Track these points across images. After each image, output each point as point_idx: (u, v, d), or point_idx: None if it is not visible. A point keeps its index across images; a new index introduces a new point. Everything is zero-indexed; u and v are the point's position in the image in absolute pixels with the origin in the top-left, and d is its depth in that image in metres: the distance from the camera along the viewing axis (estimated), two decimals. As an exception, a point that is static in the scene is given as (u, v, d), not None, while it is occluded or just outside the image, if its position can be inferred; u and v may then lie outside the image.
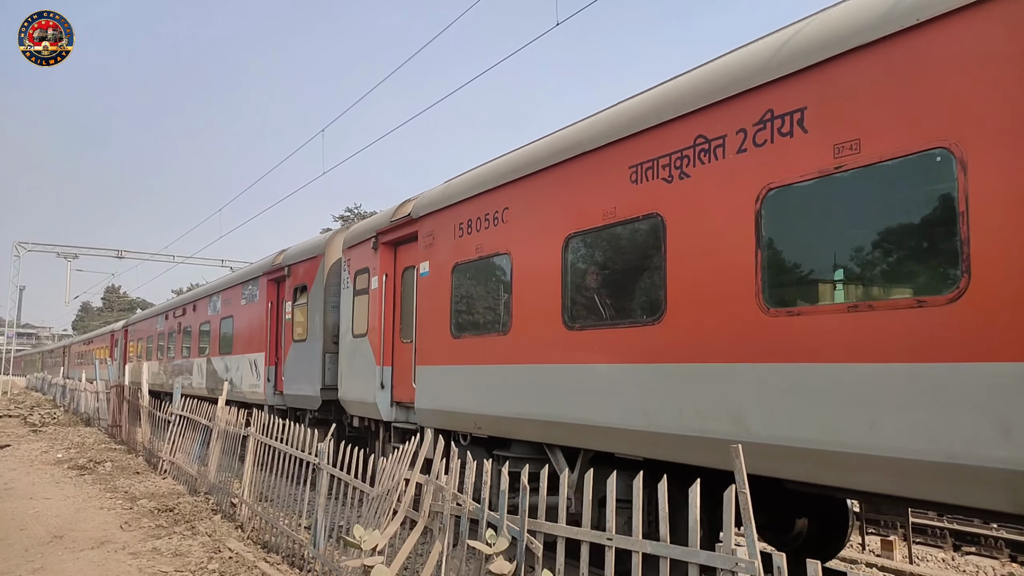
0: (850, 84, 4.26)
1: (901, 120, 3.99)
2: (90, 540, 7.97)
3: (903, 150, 4.00)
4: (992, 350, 3.56)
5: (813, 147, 4.41)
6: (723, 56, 5.28)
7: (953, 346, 3.67)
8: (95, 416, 21.46)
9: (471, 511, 5.13)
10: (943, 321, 3.73)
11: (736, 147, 4.85)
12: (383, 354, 9.20)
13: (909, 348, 3.85)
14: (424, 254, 8.40)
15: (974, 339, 3.62)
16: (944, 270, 3.84)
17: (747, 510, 3.34)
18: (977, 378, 3.61)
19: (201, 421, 11.14)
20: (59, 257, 43.33)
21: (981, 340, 3.61)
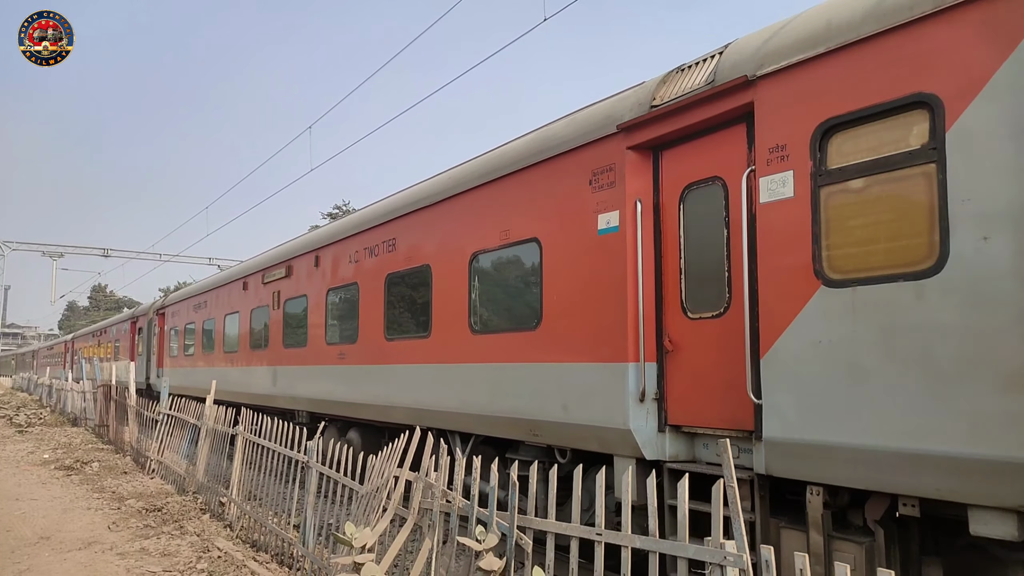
0: (502, 196, 7.37)
1: (522, 221, 6.99)
2: (77, 541, 7.97)
3: (522, 237, 6.99)
4: (554, 356, 6.47)
5: (495, 228, 7.35)
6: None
7: (543, 353, 6.67)
8: (82, 416, 21.30)
9: (461, 508, 5.20)
10: (537, 339, 6.76)
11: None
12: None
13: (520, 353, 6.87)
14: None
15: (551, 350, 6.50)
16: (536, 313, 6.76)
17: (735, 504, 3.39)
18: (552, 371, 6.46)
19: (189, 420, 11.07)
20: (44, 256, 43.24)
21: (550, 351, 6.51)
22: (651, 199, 5.86)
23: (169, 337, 21.39)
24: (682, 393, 5.56)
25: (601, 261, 6.04)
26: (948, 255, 3.87)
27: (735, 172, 5.16)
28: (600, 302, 6.00)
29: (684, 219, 5.63)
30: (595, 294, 6.07)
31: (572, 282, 6.37)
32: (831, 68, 4.49)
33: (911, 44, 4.10)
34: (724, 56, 5.32)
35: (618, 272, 5.85)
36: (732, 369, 5.10)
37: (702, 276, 5.47)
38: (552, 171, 6.73)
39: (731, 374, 5.11)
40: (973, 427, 3.72)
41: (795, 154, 4.65)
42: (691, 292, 5.56)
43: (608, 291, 5.92)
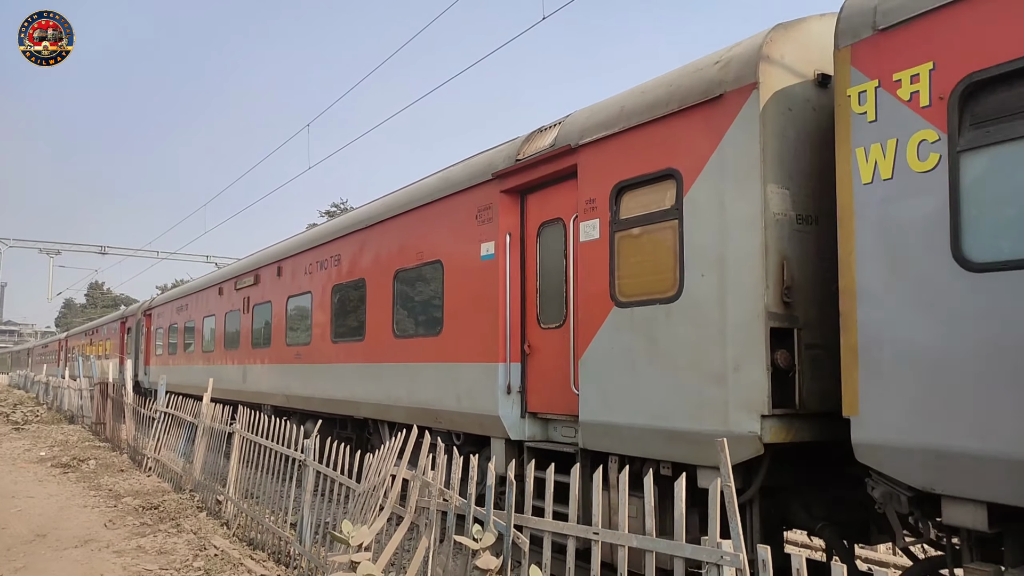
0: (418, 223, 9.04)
1: (431, 245, 8.63)
2: (74, 539, 8.04)
3: (431, 259, 8.60)
4: (452, 357, 8.03)
5: (413, 250, 8.97)
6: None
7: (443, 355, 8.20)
8: (79, 414, 21.68)
9: (457, 506, 5.26)
10: (439, 344, 8.32)
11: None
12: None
13: (428, 355, 8.52)
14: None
15: (448, 353, 8.09)
16: (439, 322, 8.34)
17: (732, 503, 3.41)
18: (449, 369, 8.05)
19: (186, 418, 11.29)
20: (41, 253, 42.68)
21: (450, 353, 8.07)
22: (518, 233, 7.39)
23: (155, 336, 22.91)
24: (537, 387, 7.10)
25: (483, 281, 7.57)
26: (683, 287, 5.41)
27: (569, 215, 6.68)
28: (482, 314, 7.53)
29: (540, 250, 7.16)
30: (479, 308, 7.59)
31: (464, 297, 7.90)
32: (622, 144, 6.02)
33: (666, 131, 5.64)
34: (562, 126, 6.85)
35: (494, 291, 7.38)
36: (566, 368, 6.64)
37: (550, 295, 7.00)
38: (451, 206, 8.25)
39: (566, 372, 6.64)
40: (697, 410, 5.26)
41: (601, 206, 6.18)
42: (543, 307, 7.09)
43: (487, 305, 7.45)
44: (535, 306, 7.19)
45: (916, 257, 4.05)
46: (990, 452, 3.68)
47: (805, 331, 4.96)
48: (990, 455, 3.68)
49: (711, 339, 5.18)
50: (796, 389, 4.87)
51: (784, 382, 4.89)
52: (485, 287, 7.54)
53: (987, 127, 3.81)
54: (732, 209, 5.11)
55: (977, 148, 3.84)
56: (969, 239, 3.84)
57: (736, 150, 5.11)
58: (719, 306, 5.14)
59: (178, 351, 19.98)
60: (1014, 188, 3.71)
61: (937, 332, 3.95)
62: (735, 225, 5.07)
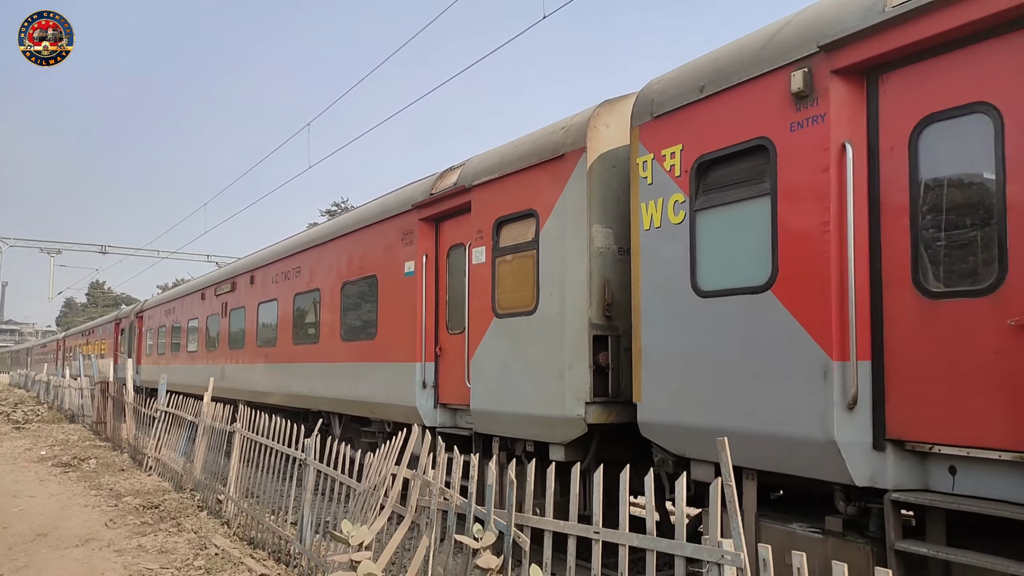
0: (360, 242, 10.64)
1: (370, 261, 10.23)
2: (74, 538, 8.12)
3: (369, 273, 10.13)
4: (383, 358, 9.51)
5: (356, 265, 10.55)
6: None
7: (377, 356, 9.69)
8: (79, 413, 21.87)
9: (458, 505, 5.30)
10: (374, 346, 9.82)
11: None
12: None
13: (367, 356, 10.05)
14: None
15: (381, 354, 9.60)
16: (374, 327, 9.87)
17: (732, 502, 3.45)
18: (382, 368, 9.51)
19: (187, 417, 11.41)
20: (42, 252, 42.41)
21: (382, 354, 9.57)
22: (433, 254, 8.91)
23: (147, 337, 24.46)
24: (446, 382, 8.64)
25: (406, 294, 9.10)
26: (539, 303, 6.94)
27: (467, 242, 8.20)
28: (405, 321, 9.05)
29: (449, 269, 8.69)
30: (403, 316, 9.12)
31: (392, 307, 9.43)
32: (501, 186, 7.55)
33: (529, 179, 7.16)
34: (463, 168, 8.37)
35: (414, 302, 8.90)
36: (464, 367, 8.17)
37: (455, 306, 8.53)
38: (384, 229, 9.78)
39: (464, 370, 8.17)
40: (548, 399, 6.78)
41: (486, 235, 7.71)
42: (451, 316, 8.63)
43: (409, 314, 8.98)
44: (445, 315, 8.72)
45: (671, 286, 5.57)
46: (713, 426, 5.20)
47: (622, 338, 6.49)
48: (714, 429, 5.21)
49: (555, 344, 6.71)
50: (611, 383, 6.41)
51: (605, 377, 6.42)
52: (408, 299, 9.07)
53: (708, 195, 5.34)
54: (569, 243, 6.63)
55: (704, 209, 5.36)
56: (699, 274, 5.36)
57: (572, 197, 6.63)
58: (560, 318, 6.67)
59: (167, 351, 21.53)
60: (720, 240, 5.24)
61: (682, 341, 5.47)
62: (571, 256, 6.60)
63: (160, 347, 22.39)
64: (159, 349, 22.52)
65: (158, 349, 22.66)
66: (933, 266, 4.18)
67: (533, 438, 7.02)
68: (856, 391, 4.33)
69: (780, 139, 4.80)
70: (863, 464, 4.33)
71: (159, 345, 22.60)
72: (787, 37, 4.84)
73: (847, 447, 4.33)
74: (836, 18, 4.55)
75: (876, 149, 4.45)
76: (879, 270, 4.40)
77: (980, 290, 3.94)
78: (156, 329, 23.01)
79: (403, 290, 9.21)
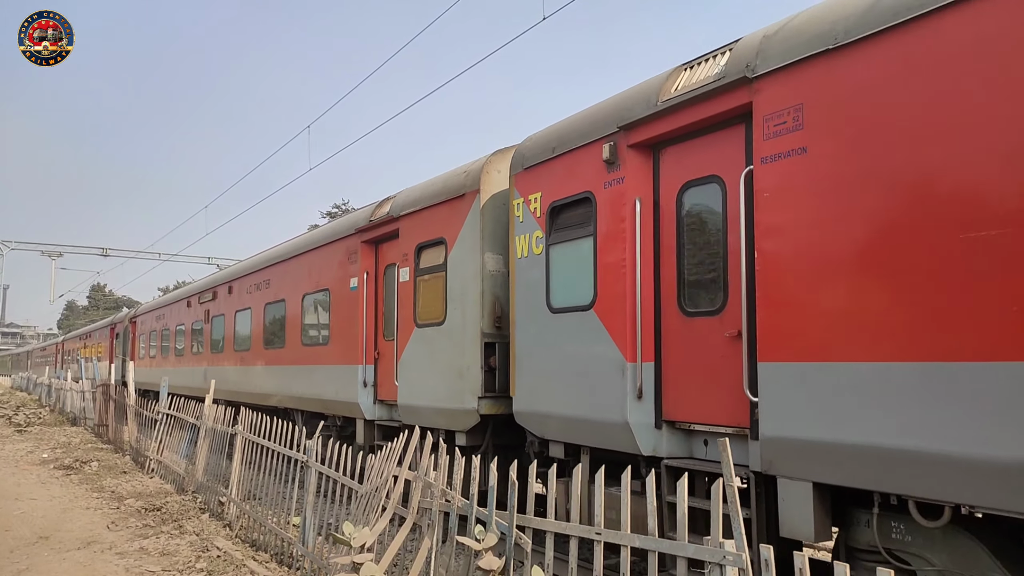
0: (317, 259, 12.12)
1: (325, 276, 11.75)
2: (76, 540, 8.16)
3: (324, 287, 11.67)
4: (334, 360, 11.06)
5: (314, 279, 12.06)
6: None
7: (329, 359, 11.19)
8: (81, 416, 22.05)
9: (460, 507, 5.32)
10: (328, 351, 11.36)
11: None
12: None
13: (322, 359, 11.61)
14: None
15: (332, 357, 11.14)
16: (327, 334, 11.44)
17: (734, 503, 3.48)
18: (332, 369, 11.07)
19: (188, 419, 11.53)
20: (43, 255, 43.14)
21: (333, 358, 11.09)
22: (373, 272, 10.43)
23: (139, 341, 25.97)
24: (383, 381, 10.15)
25: (351, 306, 10.61)
26: (447, 316, 8.45)
27: (397, 262, 9.71)
28: (351, 329, 10.56)
29: (385, 285, 10.20)
30: (349, 324, 10.63)
31: (341, 316, 10.94)
32: (420, 217, 9.07)
33: (440, 212, 8.68)
34: (394, 200, 9.89)
35: (357, 313, 10.42)
36: (394, 368, 9.68)
37: (389, 317, 10.06)
38: (336, 248, 11.30)
39: (394, 371, 9.68)
40: (452, 394, 8.28)
41: (410, 258, 9.22)
42: (386, 326, 10.16)
43: (353, 323, 10.49)
44: (382, 324, 10.24)
45: (534, 303, 7.08)
46: (559, 414, 6.71)
47: (508, 345, 8.00)
48: (558, 415, 6.71)
49: (458, 350, 8.22)
50: (499, 381, 7.92)
51: (495, 376, 7.94)
52: (353, 310, 10.58)
53: (557, 233, 6.85)
54: (468, 266, 8.15)
55: (555, 244, 6.88)
56: (552, 295, 6.87)
57: (470, 229, 8.15)
58: (462, 329, 8.18)
59: (157, 354, 23.05)
60: (564, 269, 6.75)
61: (541, 347, 6.98)
62: (469, 277, 8.12)
63: (152, 350, 23.91)
64: (151, 352, 24.04)
65: (150, 352, 24.18)
66: (689, 291, 5.70)
67: (443, 427, 8.53)
68: (641, 384, 5.84)
69: (598, 193, 6.32)
70: (647, 439, 5.83)
71: (151, 348, 24.12)
72: (602, 116, 6.36)
73: (636, 427, 5.83)
74: (629, 106, 6.07)
75: (658, 204, 5.96)
76: (659, 294, 5.91)
77: (714, 311, 5.46)
78: (148, 334, 24.55)
79: (349, 302, 10.73)
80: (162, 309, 22.91)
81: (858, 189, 4.31)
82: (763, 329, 4.81)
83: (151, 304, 25.91)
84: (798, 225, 4.63)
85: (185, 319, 19.79)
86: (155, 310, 24.01)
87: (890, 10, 4.23)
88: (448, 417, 8.37)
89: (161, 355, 22.43)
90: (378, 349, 10.30)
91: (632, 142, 6.01)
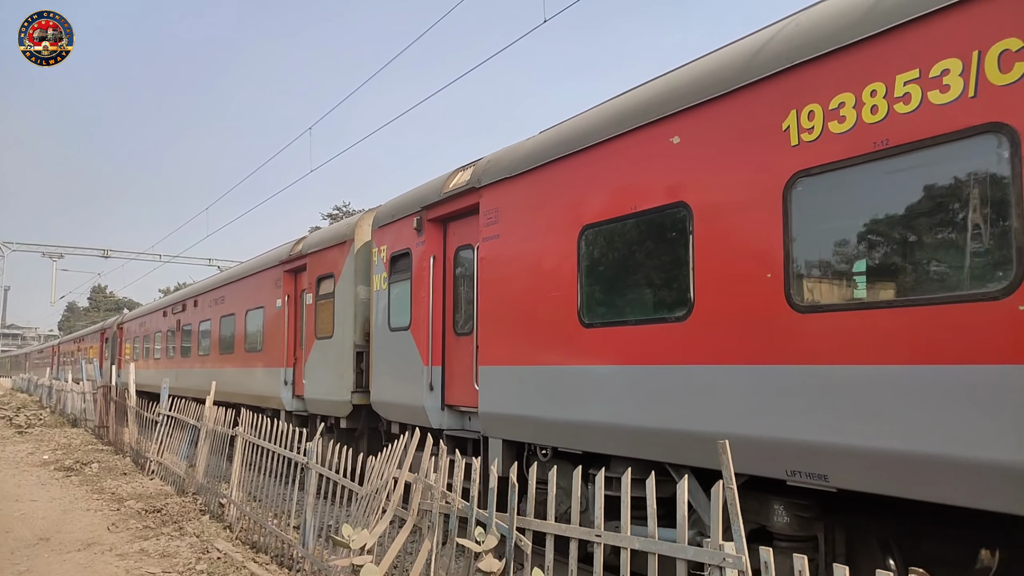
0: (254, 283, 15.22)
1: (260, 296, 12.05)
2: (77, 542, 8.20)
3: (260, 305, 13.03)
4: (267, 364, 14.25)
5: (253, 297, 14.78)
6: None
7: (263, 363, 13.45)
8: (82, 417, 22.36)
9: (460, 509, 5.35)
10: (262, 356, 14.19)
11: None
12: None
13: (259, 362, 14.13)
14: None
15: (265, 362, 14.19)
16: (262, 343, 14.09)
17: (734, 505, 3.49)
18: (266, 371, 14.19)
19: (189, 421, 11.78)
20: (44, 257, 43.51)
21: (266, 361, 14.26)
22: (292, 295, 13.35)
23: (125, 345, 28.87)
24: (298, 380, 13.06)
25: (278, 321, 13.52)
26: (335, 331, 11.36)
27: (302, 290, 12.66)
28: (278, 339, 13.45)
29: (300, 306, 13.13)
30: (277, 335, 13.53)
31: (271, 329, 13.83)
32: (319, 256, 11.98)
33: (330, 253, 11.60)
34: (304, 240, 12.83)
35: (281, 326, 13.32)
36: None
37: (301, 331, 12.99)
38: (268, 274, 14.20)
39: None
40: (336, 390, 11.16)
41: (312, 287, 12.15)
42: (300, 337, 13.08)
43: (279, 335, 13.39)
44: (300, 335, 13.15)
45: (382, 324, 9.97)
46: (394, 402, 9.58)
47: (376, 352, 10.90)
48: (394, 403, 9.59)
49: (340, 356, 11.11)
50: (365, 380, 10.80)
51: (363, 377, 10.82)
52: (278, 324, 13.49)
53: (393, 275, 9.75)
54: (347, 295, 11.05)
55: (392, 283, 9.77)
56: (391, 319, 9.75)
57: (348, 267, 11.05)
58: (343, 341, 11.08)
59: (139, 357, 25.96)
60: (397, 301, 9.63)
61: (385, 355, 9.86)
62: (347, 303, 11.02)
63: (135, 353, 26.81)
64: (134, 355, 26.94)
65: (133, 355, 27.08)
66: (457, 319, 8.60)
67: (332, 414, 11.42)
68: (431, 381, 8.73)
69: (413, 250, 9.22)
70: (436, 418, 8.71)
71: (134, 352, 27.02)
72: (416, 198, 9.27)
73: (429, 409, 8.71)
74: (428, 193, 8.98)
75: (446, 260, 8.86)
76: (445, 320, 8.80)
77: (468, 332, 8.36)
78: (132, 339, 27.46)
79: (277, 318, 13.63)
80: (143, 317, 25.84)
81: (516, 262, 7.23)
82: (480, 345, 7.72)
83: (135, 312, 28.84)
84: (494, 281, 7.55)
85: (162, 327, 22.71)
86: (138, 318, 26.94)
87: (528, 160, 7.16)
88: (334, 407, 11.26)
89: (143, 358, 25.33)
90: (296, 355, 13.20)
91: (430, 217, 8.92)
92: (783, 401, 4.59)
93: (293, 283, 13.40)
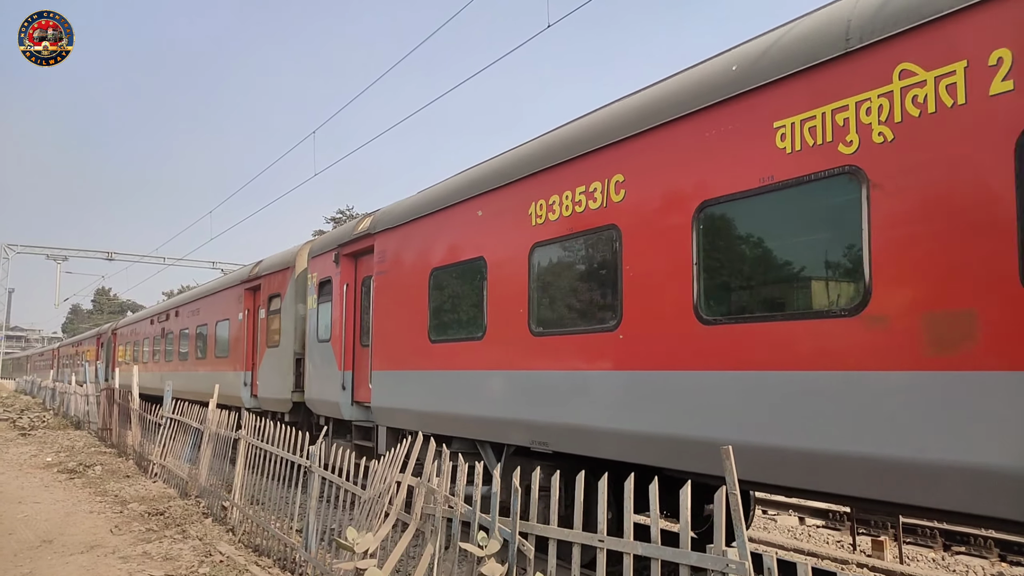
0: (220, 299, 14.74)
1: (225, 310, 13.70)
2: (80, 544, 8.20)
3: (225, 317, 13.68)
4: (231, 367, 16.50)
5: (221, 311, 15.85)
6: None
7: (229, 367, 14.03)
8: (85, 420, 22.50)
9: (463, 513, 5.36)
10: (228, 360, 15.76)
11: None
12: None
13: (225, 367, 14.85)
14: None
15: (230, 366, 13.78)
16: (228, 350, 15.86)
17: (737, 511, 3.51)
18: (233, 374, 16.10)
19: (192, 424, 11.85)
20: (48, 259, 44.24)
21: (231, 365, 16.03)
22: (251, 310, 15.70)
23: (118, 350, 31.24)
24: (255, 382, 15.40)
25: (240, 331, 15.88)
26: (281, 340, 13.70)
27: (258, 306, 15.02)
28: (240, 346, 15.79)
29: (254, 320, 15.52)
30: (240, 343, 15.87)
31: (235, 337, 16.15)
32: (271, 278, 14.38)
33: (276, 276, 13.96)
34: (260, 265, 15.19)
35: (244, 335, 15.67)
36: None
37: (256, 340, 15.32)
38: (233, 291, 16.54)
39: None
40: (280, 389, 13.50)
41: (265, 303, 14.51)
42: (257, 345, 15.43)
43: (241, 343, 15.73)
44: (257, 344, 15.52)
45: (314, 336, 12.29)
46: (321, 399, 11.90)
47: (313, 359, 13.22)
48: (320, 400, 11.91)
49: (283, 362, 13.44)
50: (303, 381, 13.11)
51: (301, 379, 13.14)
52: (241, 334, 15.83)
53: (321, 297, 12.09)
54: (289, 311, 13.38)
55: (320, 304, 12.10)
56: (319, 332, 12.08)
57: (291, 289, 13.40)
58: (286, 350, 13.42)
59: (131, 361, 28.31)
60: (323, 319, 11.96)
61: (315, 361, 12.19)
62: (289, 318, 13.35)
63: (128, 357, 29.17)
64: (127, 359, 29.30)
65: (126, 359, 29.44)
66: (362, 334, 10.93)
67: (279, 410, 13.74)
68: (344, 382, 11.05)
69: (333, 278, 11.57)
70: (348, 411, 11.03)
71: (127, 356, 29.37)
72: (336, 236, 11.61)
73: (343, 405, 11.03)
74: (344, 233, 11.33)
75: (356, 287, 11.19)
76: (355, 334, 11.12)
77: (368, 345, 10.69)
78: (125, 344, 29.82)
79: (239, 329, 15.97)
80: (134, 324, 28.21)
81: (394, 292, 9.57)
82: (373, 354, 10.06)
83: (127, 320, 31.25)
84: (381, 306, 9.90)
85: (149, 333, 25.06)
86: (130, 325, 29.32)
87: (402, 216, 9.53)
88: (280, 404, 13.59)
89: (134, 362, 27.68)
90: (253, 360, 15.54)
91: (344, 252, 11.26)
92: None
93: (252, 300, 15.74)
